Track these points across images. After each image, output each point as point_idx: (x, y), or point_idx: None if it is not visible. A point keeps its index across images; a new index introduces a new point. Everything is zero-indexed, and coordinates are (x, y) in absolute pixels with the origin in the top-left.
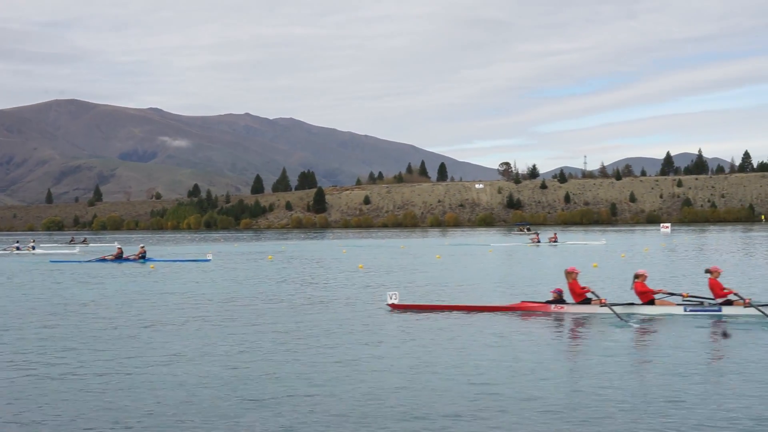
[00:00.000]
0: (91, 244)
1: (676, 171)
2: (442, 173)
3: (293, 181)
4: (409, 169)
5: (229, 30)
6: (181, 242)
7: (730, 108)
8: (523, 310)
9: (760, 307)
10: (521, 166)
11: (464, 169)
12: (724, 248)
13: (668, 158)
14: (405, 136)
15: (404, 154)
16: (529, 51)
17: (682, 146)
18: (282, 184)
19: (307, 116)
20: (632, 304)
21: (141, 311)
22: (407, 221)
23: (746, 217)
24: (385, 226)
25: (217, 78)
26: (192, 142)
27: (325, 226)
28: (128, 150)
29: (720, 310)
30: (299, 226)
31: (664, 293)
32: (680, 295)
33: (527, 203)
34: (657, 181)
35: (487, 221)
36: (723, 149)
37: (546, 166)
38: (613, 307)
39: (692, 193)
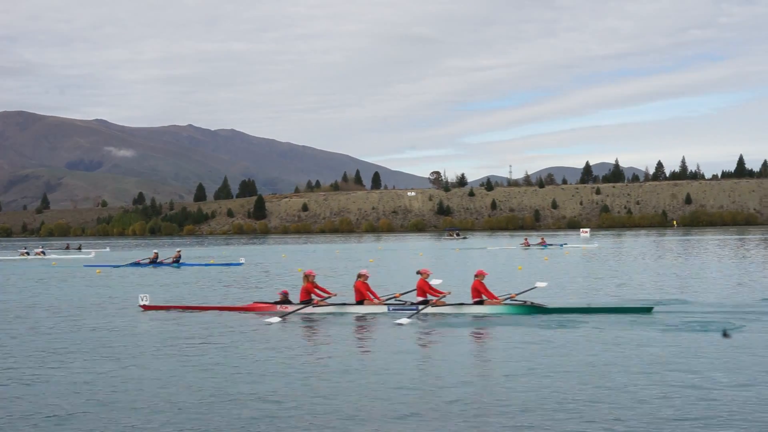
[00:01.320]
0: (83, 249)
1: (595, 179)
2: (376, 182)
3: (234, 189)
4: (345, 178)
5: (172, 45)
6: (127, 248)
7: (644, 121)
8: (254, 310)
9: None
10: (451, 175)
11: (397, 178)
12: (626, 251)
13: (587, 167)
14: (341, 147)
15: (340, 163)
16: (458, 66)
17: (601, 156)
18: (223, 192)
19: (248, 128)
20: (344, 304)
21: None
22: (343, 227)
23: (659, 222)
24: (322, 231)
25: (161, 91)
26: (137, 152)
27: (265, 232)
28: (75, 160)
29: (417, 310)
30: (240, 232)
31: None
32: (394, 296)
33: (456, 210)
34: (577, 189)
35: (419, 227)
36: (638, 159)
37: (474, 175)
38: (329, 307)
39: (610, 200)
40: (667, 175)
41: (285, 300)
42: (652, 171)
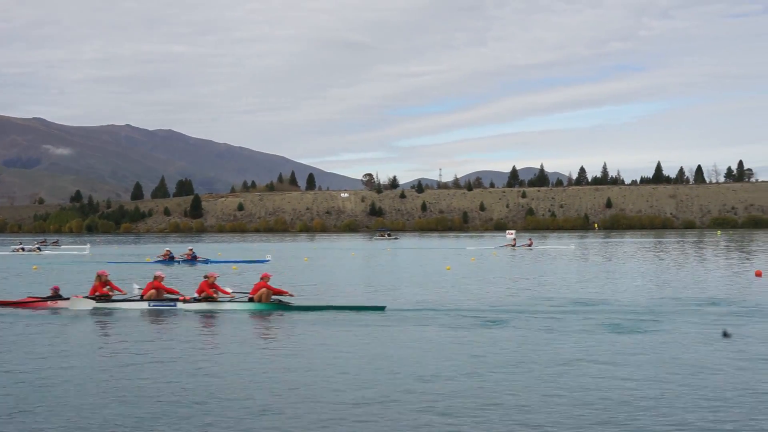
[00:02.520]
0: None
1: (521, 183)
2: (311, 183)
3: (171, 188)
4: (281, 179)
5: (111, 46)
6: (63, 244)
7: (568, 128)
8: (26, 304)
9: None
10: (383, 177)
11: (331, 180)
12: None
13: (514, 172)
14: (277, 148)
15: (276, 164)
16: (391, 72)
17: (527, 161)
18: (161, 192)
19: (185, 128)
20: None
21: None
22: (278, 226)
23: (581, 225)
24: (257, 231)
25: (100, 91)
26: (75, 150)
27: (202, 231)
28: (12, 157)
29: (175, 305)
30: (177, 230)
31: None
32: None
33: (388, 211)
34: (504, 192)
35: (352, 227)
36: (562, 164)
37: (405, 177)
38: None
39: (535, 204)
40: (589, 180)
41: (55, 296)
42: (575, 176)
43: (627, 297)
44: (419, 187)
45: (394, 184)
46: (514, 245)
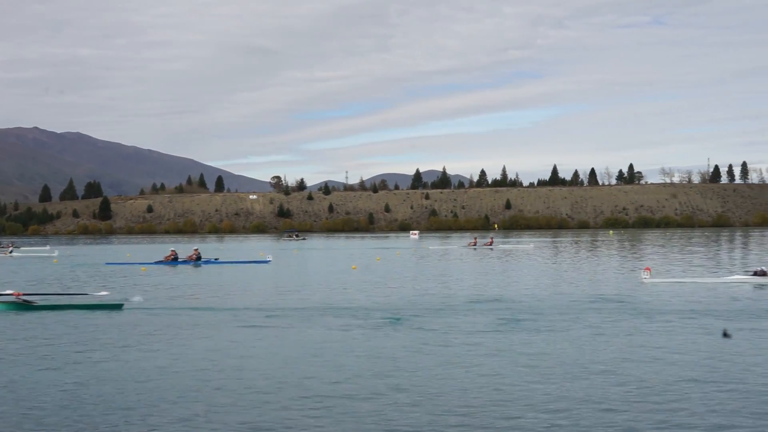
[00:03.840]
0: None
1: (425, 185)
2: (220, 185)
3: (80, 191)
4: (189, 181)
5: (17, 49)
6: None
7: (469, 132)
8: None
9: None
10: (291, 180)
11: (240, 182)
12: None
13: (417, 174)
14: (185, 151)
15: (185, 167)
16: (297, 77)
17: (430, 164)
18: (69, 194)
19: (94, 131)
20: None
21: None
22: (187, 228)
23: (482, 225)
24: (167, 232)
25: (7, 93)
26: None
27: (111, 233)
28: None
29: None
30: (86, 232)
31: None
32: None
33: (296, 213)
34: (408, 194)
35: (260, 228)
36: (463, 167)
37: (312, 179)
38: None
39: (438, 205)
40: (490, 182)
41: None
42: (476, 178)
43: (516, 294)
44: (326, 189)
45: (301, 186)
46: (474, 245)
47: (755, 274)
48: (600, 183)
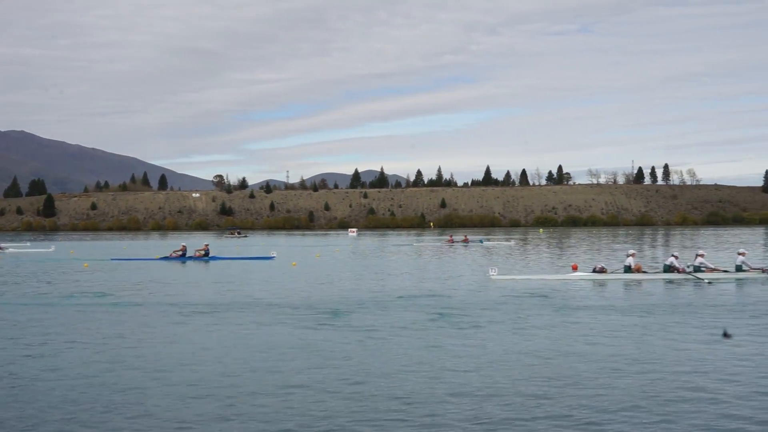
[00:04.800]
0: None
1: (363, 185)
2: (163, 183)
3: (24, 188)
4: (133, 179)
5: None
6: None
7: (406, 134)
8: None
9: None
10: (233, 179)
11: (183, 180)
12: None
13: (356, 174)
14: (129, 150)
15: (129, 166)
16: (239, 79)
17: (368, 164)
18: (13, 191)
19: (38, 129)
20: None
21: None
22: (131, 225)
23: (418, 223)
24: (110, 229)
25: None
26: None
27: (55, 229)
28: None
29: None
30: (30, 229)
31: None
32: None
33: (238, 211)
34: (347, 193)
35: (203, 226)
36: (400, 167)
37: (254, 178)
38: None
39: (376, 204)
40: (425, 182)
41: None
42: (412, 178)
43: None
44: (267, 187)
45: (243, 185)
46: (451, 242)
47: (594, 270)
48: (530, 183)
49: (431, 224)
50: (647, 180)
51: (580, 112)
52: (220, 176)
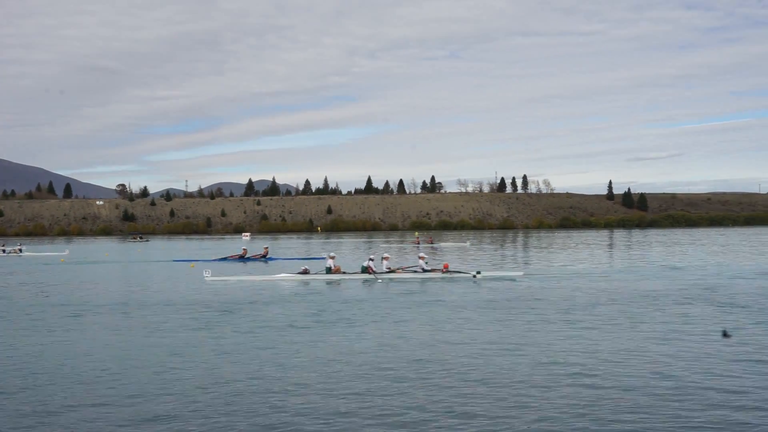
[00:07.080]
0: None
1: (256, 193)
2: (68, 192)
3: None
4: (39, 188)
5: None
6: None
7: (296, 147)
8: None
9: None
10: (135, 188)
11: (87, 189)
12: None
13: (250, 183)
14: (35, 161)
15: (34, 175)
16: (140, 95)
17: (261, 174)
18: None
19: None
20: None
21: None
22: (37, 231)
23: (307, 228)
24: (17, 235)
25: None
26: None
27: None
28: None
29: None
30: None
31: None
32: None
33: (140, 217)
34: (242, 200)
35: (107, 231)
36: (291, 177)
37: (155, 187)
38: None
39: (268, 210)
40: (314, 190)
41: None
42: (301, 187)
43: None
44: (167, 196)
45: (145, 193)
46: (417, 243)
47: (299, 272)
48: (407, 192)
49: (319, 229)
50: (509, 189)
51: (450, 129)
52: (123, 185)
